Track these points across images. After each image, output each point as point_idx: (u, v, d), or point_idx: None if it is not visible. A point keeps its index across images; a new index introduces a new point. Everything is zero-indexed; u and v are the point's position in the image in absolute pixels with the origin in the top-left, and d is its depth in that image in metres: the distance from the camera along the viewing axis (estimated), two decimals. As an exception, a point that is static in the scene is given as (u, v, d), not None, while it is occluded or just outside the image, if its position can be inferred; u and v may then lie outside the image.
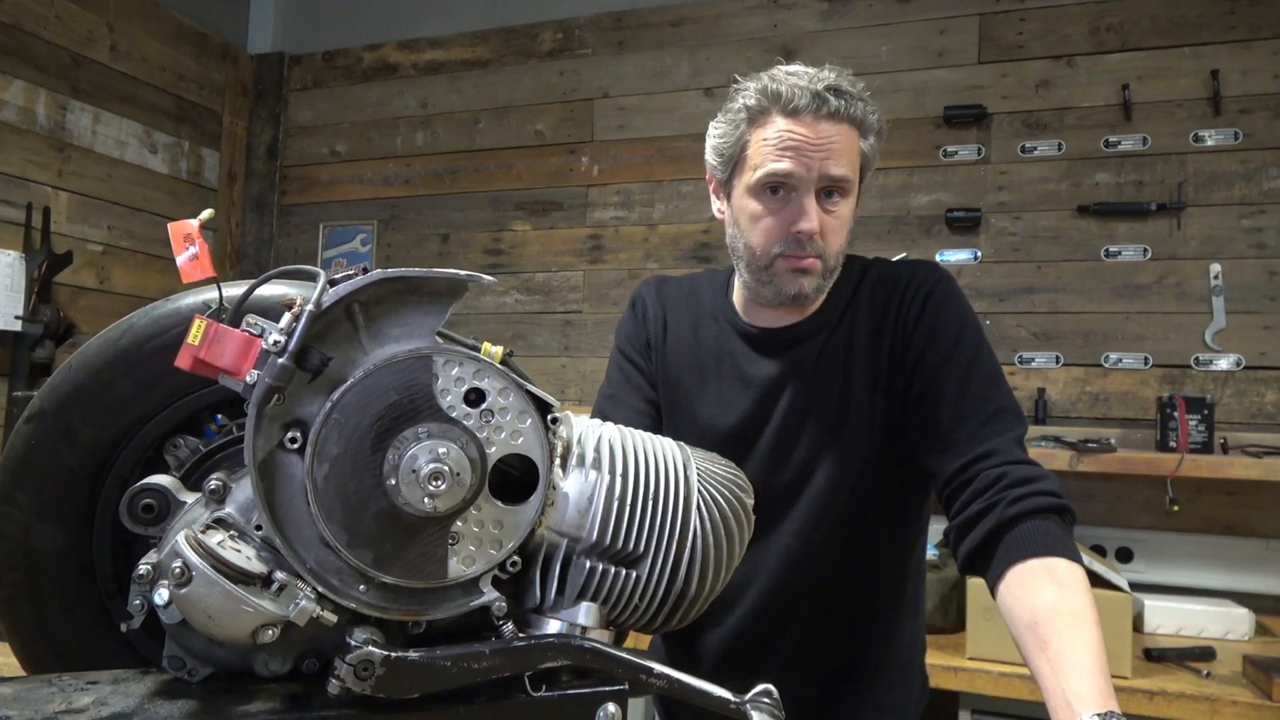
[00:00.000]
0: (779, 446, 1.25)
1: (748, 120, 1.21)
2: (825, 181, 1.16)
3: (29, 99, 2.77)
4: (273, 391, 0.62)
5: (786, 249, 1.18)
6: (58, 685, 0.64)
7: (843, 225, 1.21)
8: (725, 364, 1.31)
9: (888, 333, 1.23)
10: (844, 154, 1.17)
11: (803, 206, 1.16)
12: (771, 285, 1.22)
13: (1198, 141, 2.50)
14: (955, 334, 1.20)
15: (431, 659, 0.63)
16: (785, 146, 1.16)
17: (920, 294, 1.23)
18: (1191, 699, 1.76)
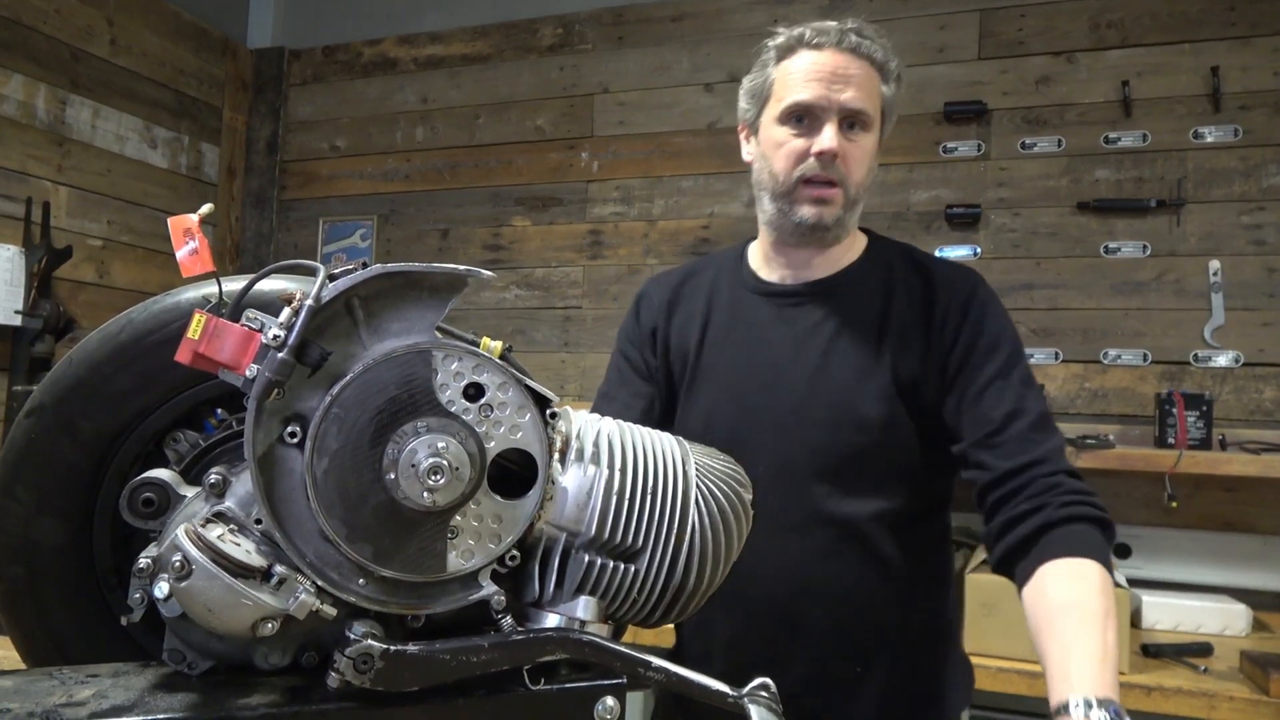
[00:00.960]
0: (805, 394, 1.25)
1: (775, 59, 1.29)
2: (846, 111, 1.22)
3: (29, 93, 2.77)
4: (272, 386, 0.62)
5: (808, 171, 1.23)
6: (58, 678, 0.64)
7: (865, 156, 1.25)
8: (740, 324, 1.33)
9: (935, 305, 1.25)
10: (864, 87, 1.23)
11: (824, 130, 1.22)
12: (793, 214, 1.25)
13: (1197, 138, 2.50)
14: (1001, 332, 1.24)
15: (430, 652, 0.63)
16: (808, 76, 1.23)
17: (967, 286, 1.26)
18: (1189, 694, 1.76)
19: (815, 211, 1.24)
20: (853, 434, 1.22)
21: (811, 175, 1.23)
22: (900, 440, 1.23)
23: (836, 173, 1.23)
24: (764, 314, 1.32)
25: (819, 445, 1.23)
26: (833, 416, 1.23)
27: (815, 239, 1.28)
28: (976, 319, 1.24)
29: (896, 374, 1.23)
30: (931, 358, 1.23)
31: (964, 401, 1.21)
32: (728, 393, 1.30)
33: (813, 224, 1.24)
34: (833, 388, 1.24)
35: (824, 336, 1.27)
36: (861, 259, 1.33)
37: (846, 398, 1.23)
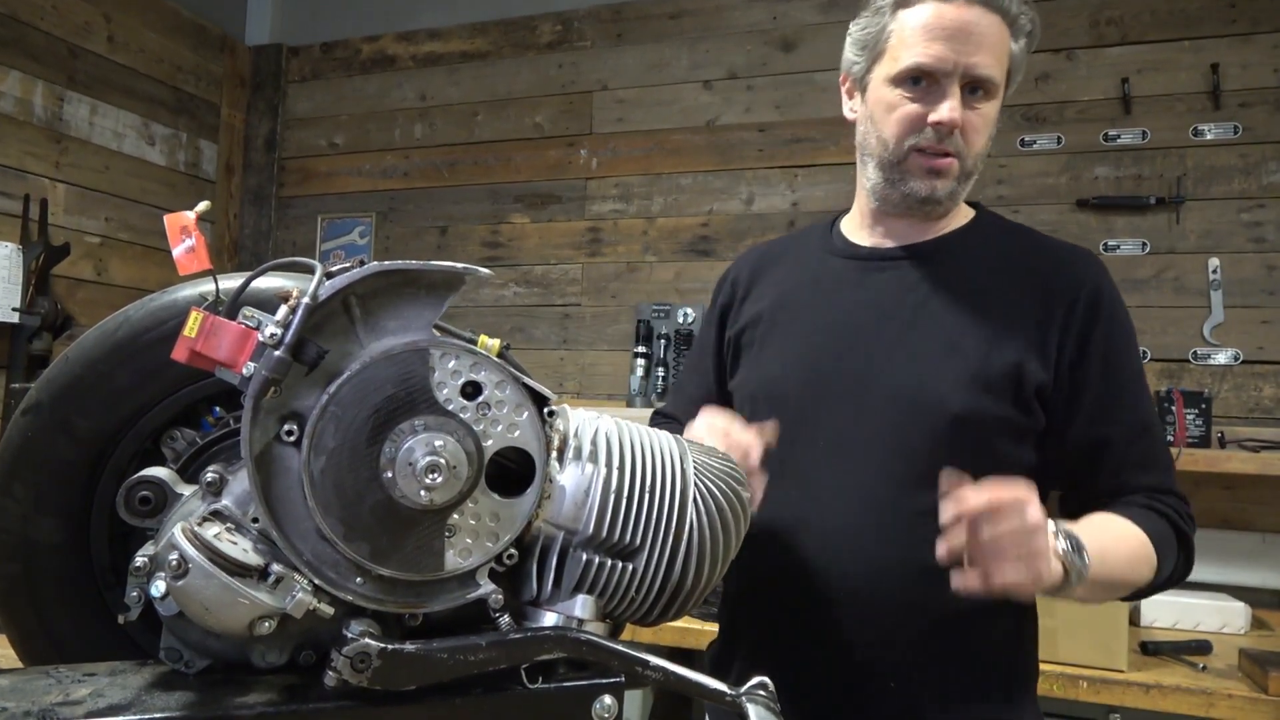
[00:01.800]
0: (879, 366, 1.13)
1: (893, 5, 1.13)
2: (971, 77, 1.09)
3: (26, 90, 2.77)
4: (269, 384, 0.62)
5: (923, 141, 1.11)
6: (55, 677, 0.64)
7: (986, 126, 1.13)
8: (821, 287, 1.22)
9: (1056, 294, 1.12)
10: (994, 49, 1.09)
11: (944, 95, 1.09)
12: (903, 184, 1.14)
13: (1197, 135, 2.50)
14: (1130, 337, 1.15)
15: (428, 651, 0.63)
16: (932, 33, 1.08)
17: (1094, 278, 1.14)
18: (1187, 692, 1.76)
19: (929, 184, 1.12)
20: (926, 418, 1.09)
21: (926, 145, 1.11)
22: (981, 436, 1.08)
23: (954, 144, 1.10)
24: (848, 277, 1.21)
25: (886, 426, 1.10)
26: (906, 395, 1.10)
27: (924, 212, 1.17)
28: (1107, 322, 1.12)
29: (991, 360, 1.09)
30: (1044, 353, 1.10)
31: (1082, 413, 1.10)
32: (797, 357, 1.19)
33: (924, 197, 1.13)
34: (910, 363, 1.11)
35: (910, 305, 1.15)
36: (967, 227, 1.21)
37: (925, 377, 1.10)
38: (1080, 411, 1.10)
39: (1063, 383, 1.10)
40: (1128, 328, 1.15)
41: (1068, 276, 1.13)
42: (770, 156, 2.92)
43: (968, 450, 1.06)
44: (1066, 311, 1.10)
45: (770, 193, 2.91)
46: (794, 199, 2.87)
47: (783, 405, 1.16)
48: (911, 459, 1.08)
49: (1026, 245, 1.18)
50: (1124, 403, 1.10)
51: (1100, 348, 1.10)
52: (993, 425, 1.08)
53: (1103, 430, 1.10)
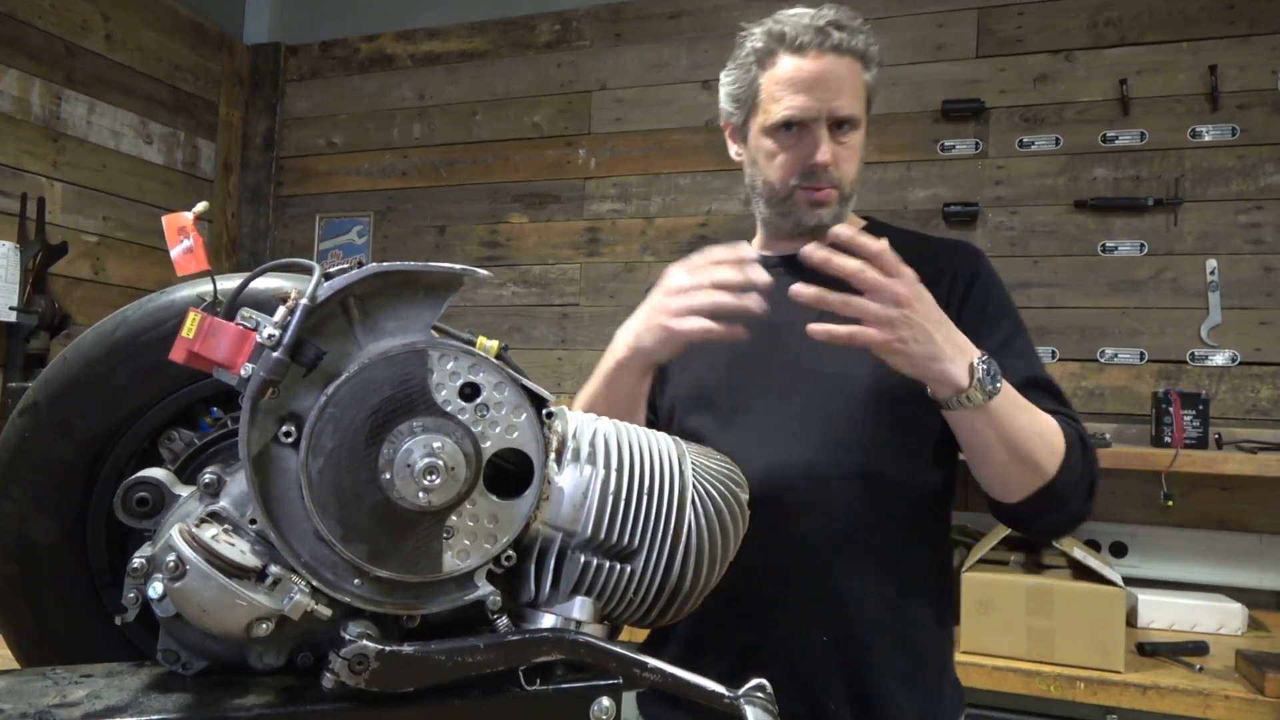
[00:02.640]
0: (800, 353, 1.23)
1: (757, 63, 1.27)
2: (835, 118, 1.23)
3: (23, 89, 2.76)
4: (267, 385, 0.61)
5: (803, 181, 1.25)
6: (52, 678, 0.64)
7: (854, 154, 1.28)
8: None
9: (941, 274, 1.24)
10: (850, 88, 1.24)
11: (815, 140, 1.23)
12: (791, 216, 1.28)
13: (1195, 137, 2.50)
14: (1007, 300, 1.30)
15: (426, 653, 0.63)
16: (795, 86, 1.23)
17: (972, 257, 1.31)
18: (1184, 693, 1.77)
19: (814, 214, 1.27)
20: (845, 391, 1.22)
21: (808, 185, 1.26)
22: (893, 403, 1.20)
23: (831, 178, 1.25)
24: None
25: (810, 403, 1.22)
26: (827, 374, 1.23)
27: (814, 237, 1.26)
28: (984, 288, 1.26)
29: None
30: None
31: None
32: (721, 356, 1.29)
33: (813, 225, 1.26)
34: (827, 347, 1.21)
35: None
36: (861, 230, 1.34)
37: (840, 356, 1.20)
38: None
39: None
40: (1006, 297, 1.30)
41: (948, 260, 1.29)
42: (769, 157, 2.91)
43: (880, 415, 1.21)
44: (949, 288, 1.24)
45: (769, 193, 2.90)
46: (792, 199, 2.87)
47: (712, 399, 1.29)
48: (834, 428, 1.21)
49: (913, 242, 1.31)
50: (1014, 362, 1.20)
51: (980, 313, 1.24)
52: (902, 393, 1.18)
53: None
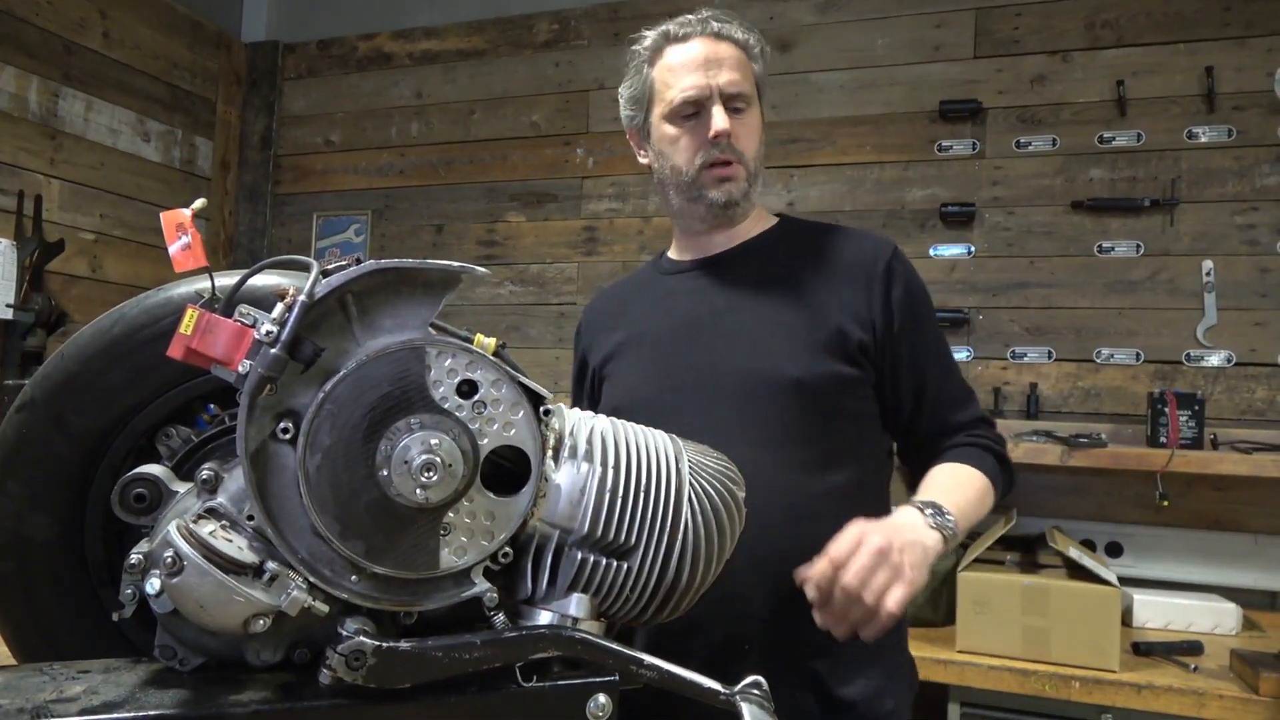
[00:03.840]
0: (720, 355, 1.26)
1: (648, 61, 1.35)
2: (727, 94, 1.27)
3: (21, 86, 2.76)
4: (265, 382, 0.62)
5: (707, 157, 1.28)
6: (49, 674, 0.64)
7: (754, 132, 1.32)
8: (658, 305, 1.37)
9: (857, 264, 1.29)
10: (739, 68, 1.29)
11: (713, 114, 1.27)
12: (703, 198, 1.30)
13: (1191, 138, 2.51)
14: (927, 296, 1.33)
15: (423, 649, 0.63)
16: (687, 68, 1.29)
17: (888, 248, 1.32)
18: (1179, 693, 1.77)
19: (724, 190, 1.29)
20: (771, 387, 1.23)
21: (712, 160, 1.28)
22: (822, 393, 1.22)
23: (733, 151, 1.28)
24: (680, 287, 1.36)
25: (738, 401, 1.23)
26: (752, 371, 1.24)
27: (727, 217, 1.33)
28: (904, 285, 1.29)
29: (815, 328, 1.25)
30: (858, 316, 1.26)
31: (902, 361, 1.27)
32: (651, 364, 1.32)
33: (724, 202, 1.29)
34: (749, 345, 1.26)
35: (738, 298, 1.30)
36: (772, 229, 1.39)
37: (763, 354, 1.24)
38: (900, 360, 1.27)
39: (881, 339, 1.26)
40: (922, 289, 1.33)
41: (865, 252, 1.31)
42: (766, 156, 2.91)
43: (812, 407, 1.22)
44: (868, 280, 1.28)
45: (766, 193, 2.90)
46: (790, 199, 2.88)
47: (645, 407, 1.27)
48: (764, 424, 1.22)
49: (827, 236, 1.36)
50: (930, 350, 1.29)
51: (902, 306, 1.27)
52: (829, 383, 1.23)
53: (920, 373, 1.28)
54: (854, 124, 2.79)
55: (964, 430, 1.30)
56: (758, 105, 1.33)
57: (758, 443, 1.20)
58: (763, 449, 1.20)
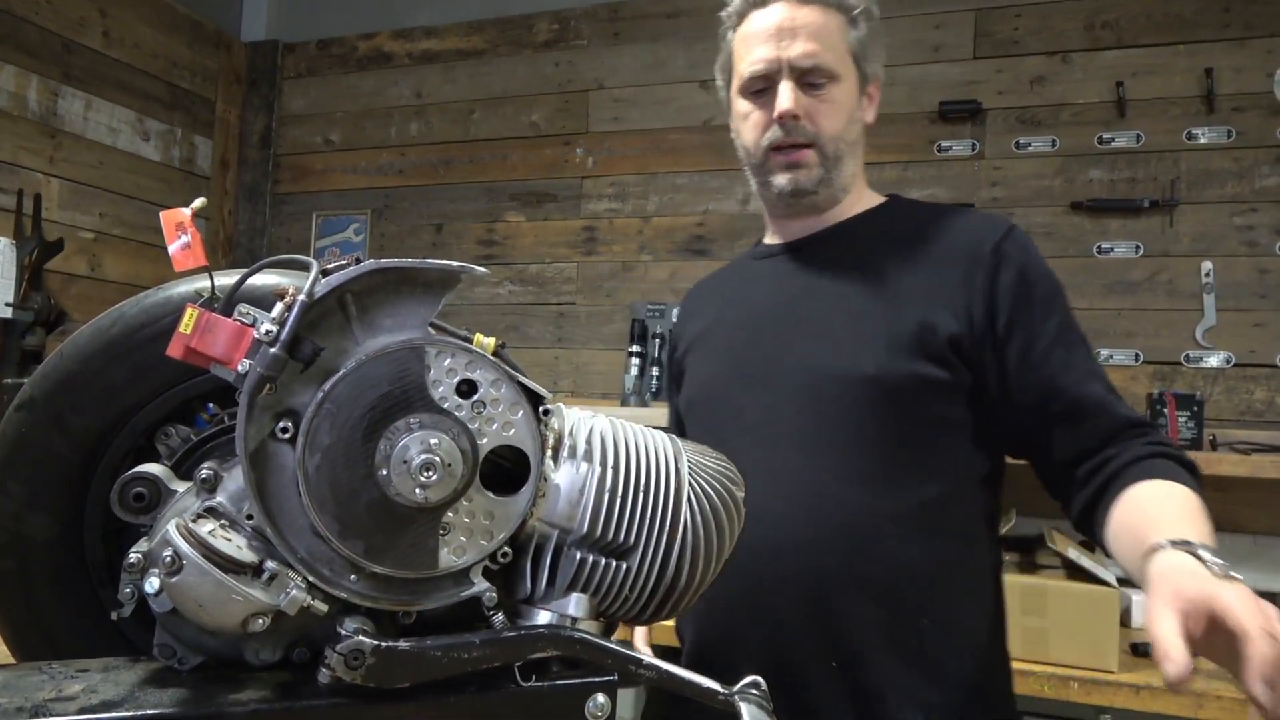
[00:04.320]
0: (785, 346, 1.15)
1: (732, 27, 1.23)
2: (797, 68, 1.15)
3: (20, 84, 2.76)
4: (265, 381, 0.62)
5: (774, 139, 1.17)
6: (48, 673, 0.64)
7: (836, 109, 1.17)
8: (740, 290, 1.28)
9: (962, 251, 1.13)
10: (818, 37, 1.15)
11: (778, 91, 1.15)
12: (770, 185, 1.20)
13: (1191, 139, 2.51)
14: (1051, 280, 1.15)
15: (422, 649, 0.63)
16: (757, 39, 1.17)
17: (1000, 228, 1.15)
18: (1177, 693, 1.77)
19: (789, 177, 1.18)
20: (839, 385, 1.09)
21: (778, 142, 1.17)
22: (898, 395, 1.08)
23: (804, 133, 1.16)
24: (762, 273, 1.27)
25: (804, 400, 1.11)
26: (819, 367, 1.12)
27: (803, 205, 1.22)
28: (1017, 270, 1.11)
29: (896, 320, 1.10)
30: (951, 306, 1.10)
31: (1018, 366, 1.08)
32: (724, 354, 1.24)
33: (790, 190, 1.18)
34: (819, 337, 1.14)
35: (816, 286, 1.18)
36: (869, 211, 1.25)
37: (834, 346, 1.12)
38: (1010, 361, 1.09)
39: (982, 335, 1.09)
40: (1044, 276, 1.14)
41: (972, 234, 1.15)
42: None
43: (888, 411, 1.08)
44: (971, 265, 1.11)
45: (766, 193, 2.91)
46: (789, 199, 2.88)
47: (716, 401, 1.22)
48: (829, 427, 1.09)
49: (934, 218, 1.20)
50: (1055, 348, 1.09)
51: (1011, 295, 1.10)
52: (909, 384, 1.08)
53: (1043, 376, 1.08)
54: (854, 124, 2.79)
55: (1132, 437, 1.07)
56: (847, 80, 1.18)
57: (818, 448, 1.09)
58: (823, 455, 1.08)
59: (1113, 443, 1.07)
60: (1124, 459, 1.04)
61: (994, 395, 1.10)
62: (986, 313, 1.10)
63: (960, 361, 1.09)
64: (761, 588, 1.09)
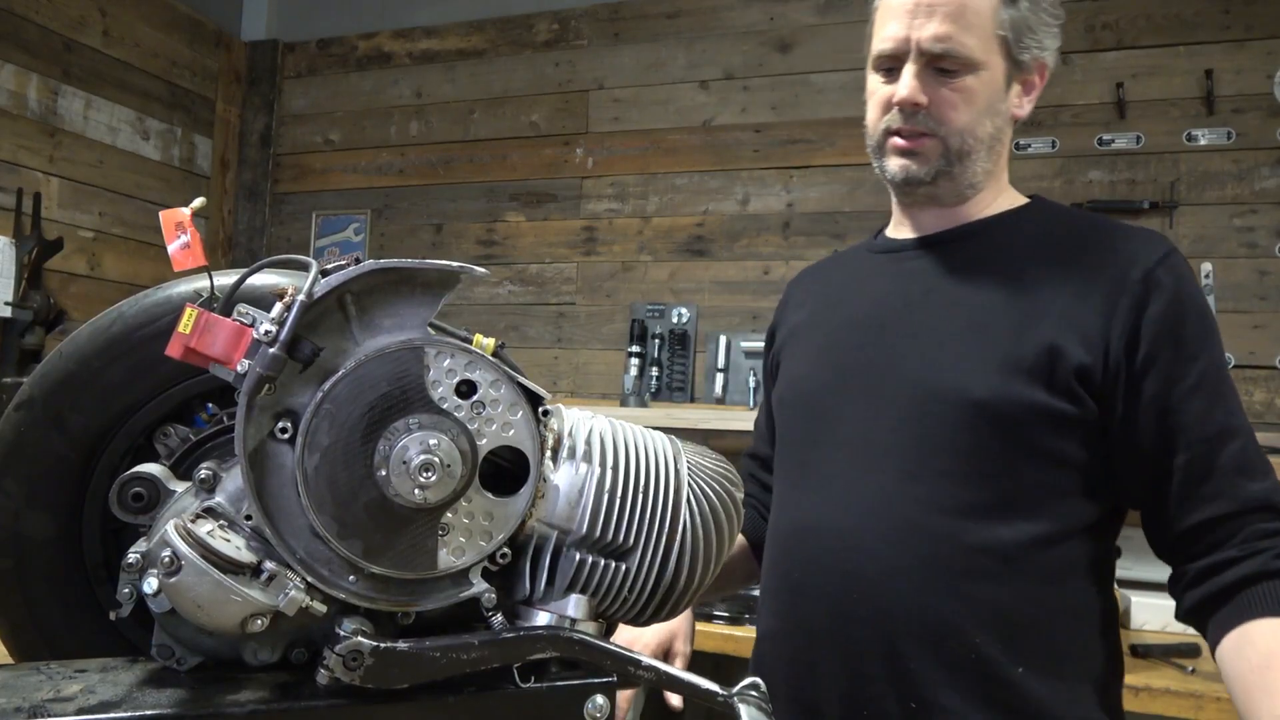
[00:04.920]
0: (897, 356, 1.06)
1: None
2: (930, 52, 1.03)
3: (20, 83, 2.76)
4: (264, 381, 0.61)
5: (893, 123, 1.08)
6: (46, 673, 0.64)
7: (967, 100, 1.05)
8: (852, 284, 1.19)
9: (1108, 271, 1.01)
10: (956, 18, 1.02)
11: (901, 75, 1.05)
12: (885, 169, 1.11)
13: (1191, 141, 2.51)
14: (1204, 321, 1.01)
15: (420, 650, 0.63)
16: (892, 12, 1.06)
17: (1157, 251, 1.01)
18: (1176, 695, 1.77)
19: (902, 164, 1.08)
20: (945, 406, 1.00)
21: (897, 127, 1.07)
22: (1011, 425, 0.98)
23: (925, 123, 1.05)
24: (877, 270, 1.17)
25: (904, 418, 1.02)
26: (925, 383, 1.02)
27: (919, 196, 1.12)
28: (1170, 302, 0.98)
29: (1021, 340, 0.99)
30: (1085, 332, 0.99)
31: (1149, 408, 0.97)
32: (822, 354, 1.15)
33: (902, 179, 1.09)
34: (930, 349, 1.04)
35: (934, 290, 1.08)
36: (1009, 213, 1.13)
37: (945, 362, 1.02)
38: (1141, 403, 0.97)
39: (1116, 367, 0.98)
40: (1199, 312, 1.00)
41: (1122, 254, 1.01)
42: (766, 157, 2.92)
43: (995, 441, 0.98)
44: (1116, 288, 0.99)
45: (765, 193, 2.91)
46: (789, 200, 2.88)
47: (808, 405, 1.14)
48: (933, 454, 1.00)
49: (1077, 226, 1.09)
50: (1192, 398, 0.97)
51: (1157, 329, 0.97)
52: (1024, 413, 0.97)
53: (1171, 427, 0.97)
54: (854, 125, 2.78)
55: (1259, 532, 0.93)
56: (989, 68, 1.05)
57: (913, 473, 1.01)
58: (915, 481, 1.00)
59: (1237, 531, 0.94)
60: (1245, 571, 0.93)
61: (1116, 436, 0.99)
62: (1127, 346, 0.98)
63: (1087, 395, 0.98)
64: (843, 613, 1.02)
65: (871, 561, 1.01)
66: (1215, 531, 0.95)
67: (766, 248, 2.90)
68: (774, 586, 1.14)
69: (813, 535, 1.07)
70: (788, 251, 2.86)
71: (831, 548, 1.04)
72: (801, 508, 1.11)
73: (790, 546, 1.11)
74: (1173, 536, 0.99)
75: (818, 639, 1.05)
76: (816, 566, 1.06)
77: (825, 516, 1.07)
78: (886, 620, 1.00)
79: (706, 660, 2.15)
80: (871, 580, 1.01)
